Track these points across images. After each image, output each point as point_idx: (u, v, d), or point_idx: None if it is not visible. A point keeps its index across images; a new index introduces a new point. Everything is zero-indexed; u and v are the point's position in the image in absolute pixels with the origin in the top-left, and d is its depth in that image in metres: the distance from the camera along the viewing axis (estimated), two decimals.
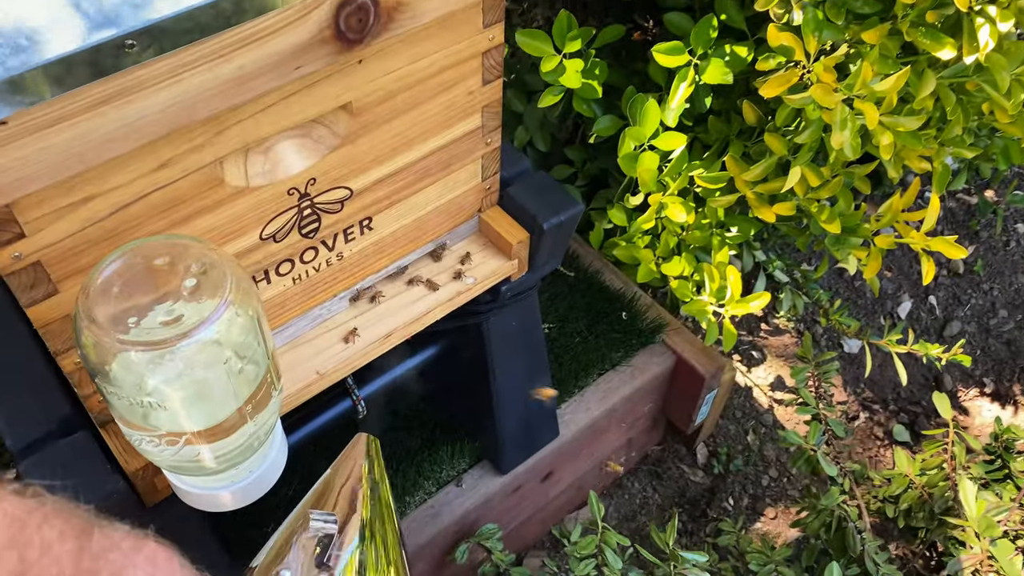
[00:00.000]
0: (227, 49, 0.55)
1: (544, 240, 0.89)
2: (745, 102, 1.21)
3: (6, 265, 0.57)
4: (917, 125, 1.08)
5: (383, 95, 0.70)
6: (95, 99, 0.51)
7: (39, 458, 0.69)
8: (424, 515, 1.15)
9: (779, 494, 1.53)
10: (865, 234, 1.28)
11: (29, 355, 0.75)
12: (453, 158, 0.82)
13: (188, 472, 0.68)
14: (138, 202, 0.61)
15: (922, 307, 1.77)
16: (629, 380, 1.30)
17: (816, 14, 1.03)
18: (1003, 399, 1.68)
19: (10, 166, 0.50)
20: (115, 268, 0.56)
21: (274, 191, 0.69)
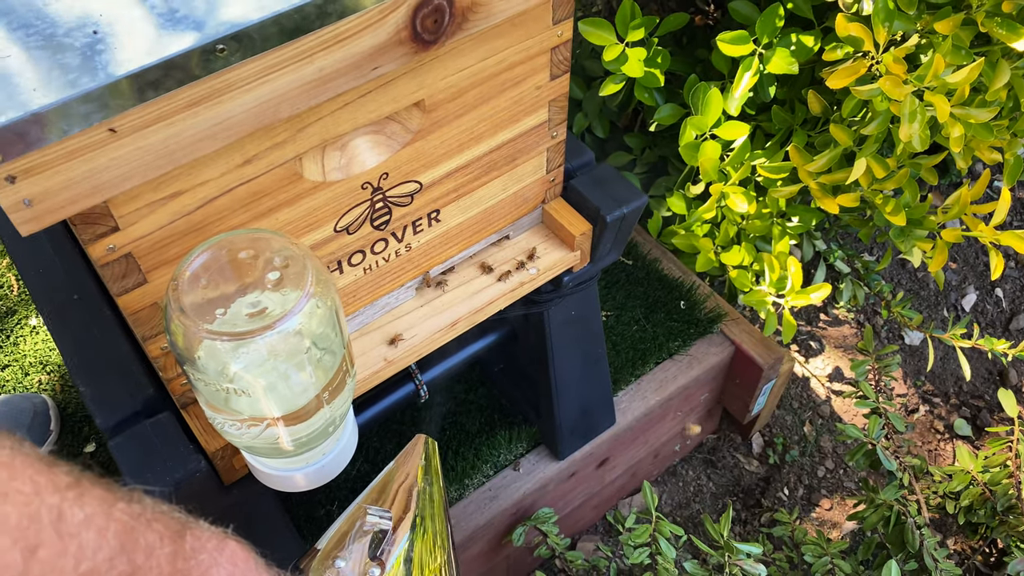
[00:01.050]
0: (309, 52, 0.57)
1: (606, 232, 0.90)
2: (811, 92, 1.20)
3: (101, 256, 0.60)
4: (989, 116, 1.06)
5: (454, 92, 0.72)
6: (189, 100, 0.53)
7: (126, 437, 0.72)
8: (482, 497, 1.17)
9: (835, 486, 1.52)
10: (931, 226, 1.26)
11: (114, 340, 0.79)
12: (519, 152, 0.83)
13: (265, 454, 0.71)
14: (223, 196, 0.64)
15: (988, 300, 1.73)
16: (686, 369, 1.30)
17: (887, 3, 1.01)
18: None
19: (110, 165, 0.53)
20: (203, 260, 0.59)
21: (349, 185, 0.71)
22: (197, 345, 0.59)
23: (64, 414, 1.24)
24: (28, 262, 0.84)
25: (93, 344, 0.78)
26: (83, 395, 0.75)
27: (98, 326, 0.80)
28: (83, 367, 0.77)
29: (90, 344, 0.78)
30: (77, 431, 1.22)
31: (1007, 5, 0.98)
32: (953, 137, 1.05)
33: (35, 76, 0.50)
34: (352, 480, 1.18)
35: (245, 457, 0.74)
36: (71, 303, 0.81)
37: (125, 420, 0.74)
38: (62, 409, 1.24)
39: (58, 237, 0.87)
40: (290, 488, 0.75)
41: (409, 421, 1.23)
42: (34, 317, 1.34)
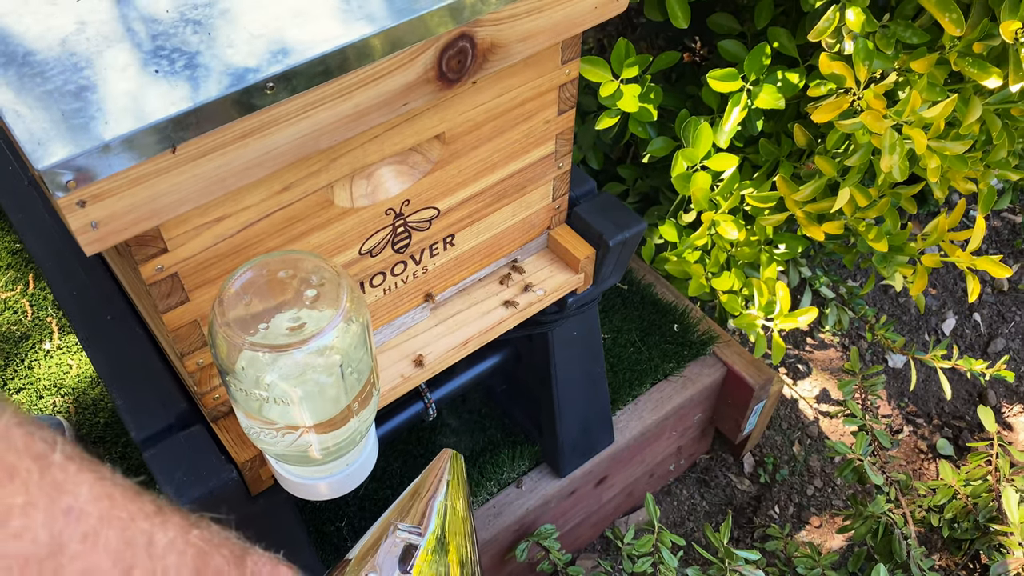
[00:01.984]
0: (348, 89, 0.63)
1: (609, 256, 0.95)
2: (796, 125, 1.27)
3: (149, 276, 0.65)
4: (963, 149, 1.13)
5: (471, 125, 0.78)
6: (241, 132, 0.59)
7: (162, 448, 0.77)
8: (487, 514, 1.22)
9: (824, 504, 1.57)
10: (911, 252, 1.32)
11: (147, 357, 0.83)
12: (528, 180, 0.89)
13: (295, 462, 0.75)
14: (262, 220, 0.69)
15: (966, 324, 1.80)
16: (681, 390, 1.36)
17: (867, 44, 1.09)
18: None
19: (168, 191, 0.58)
20: (247, 278, 0.64)
21: (374, 211, 0.77)
22: (239, 356, 0.64)
23: (78, 435, 1.27)
24: (63, 286, 0.89)
25: (127, 361, 0.83)
26: (119, 408, 0.80)
27: (131, 344, 0.84)
28: (118, 383, 0.81)
29: (124, 361, 0.83)
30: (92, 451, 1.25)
31: (978, 46, 1.05)
32: (930, 168, 1.12)
33: (105, 108, 0.55)
34: (360, 498, 1.22)
35: (272, 466, 0.78)
36: (105, 323, 0.86)
37: (159, 432, 0.78)
38: (76, 430, 1.28)
39: (89, 262, 0.91)
40: (313, 496, 0.79)
41: (415, 441, 1.27)
42: (48, 342, 1.38)
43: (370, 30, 0.60)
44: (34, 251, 0.92)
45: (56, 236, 0.93)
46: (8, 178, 0.99)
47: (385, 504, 1.20)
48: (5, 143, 1.03)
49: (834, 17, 1.08)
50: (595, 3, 0.74)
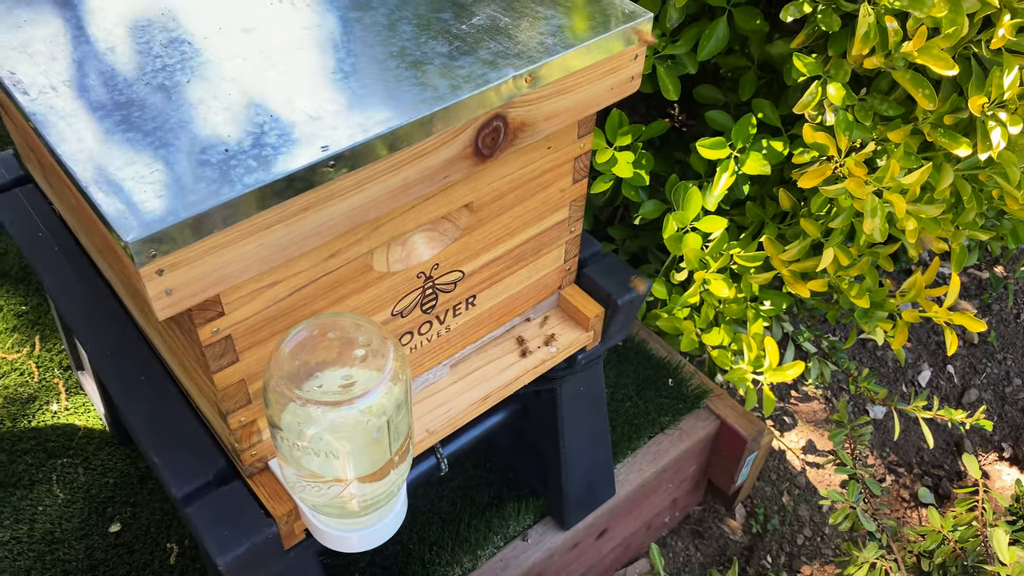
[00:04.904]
0: (397, 165, 0.68)
1: (618, 314, 1.01)
2: (781, 190, 1.35)
3: (207, 339, 0.69)
4: (938, 212, 1.22)
5: (497, 194, 0.84)
6: (303, 206, 0.64)
7: (203, 503, 0.80)
8: (494, 567, 1.24)
9: (814, 552, 1.61)
10: (891, 308, 1.40)
11: (182, 414, 0.87)
12: (543, 244, 0.95)
13: (332, 514, 0.79)
14: (310, 285, 0.73)
15: (941, 376, 1.88)
16: (677, 443, 1.41)
17: (847, 116, 1.17)
18: (1021, 463, 1.78)
19: (235, 260, 0.63)
20: (300, 338, 0.68)
21: (407, 275, 0.82)
22: (293, 411, 0.68)
23: (88, 495, 1.28)
24: (98, 346, 0.92)
25: (163, 419, 0.86)
26: (156, 466, 0.83)
27: (165, 403, 0.87)
28: (155, 440, 0.84)
29: (160, 419, 0.86)
30: (101, 511, 1.27)
31: (948, 119, 1.14)
32: (908, 230, 1.20)
33: (183, 186, 0.60)
34: (370, 554, 1.24)
35: (307, 518, 0.81)
36: (139, 382, 0.89)
37: (199, 489, 0.81)
38: (86, 491, 1.29)
39: (120, 325, 0.95)
40: (344, 548, 0.83)
41: (422, 496, 1.30)
42: (55, 403, 1.39)
43: (422, 112, 0.66)
44: (67, 314, 0.96)
45: (87, 300, 0.97)
46: (40, 244, 1.03)
47: (394, 559, 1.23)
48: (36, 210, 1.07)
49: (817, 91, 1.16)
50: (611, 84, 0.80)
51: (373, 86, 0.69)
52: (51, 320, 1.51)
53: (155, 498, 1.28)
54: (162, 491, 1.29)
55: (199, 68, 0.70)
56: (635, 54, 0.80)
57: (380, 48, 0.73)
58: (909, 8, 0.99)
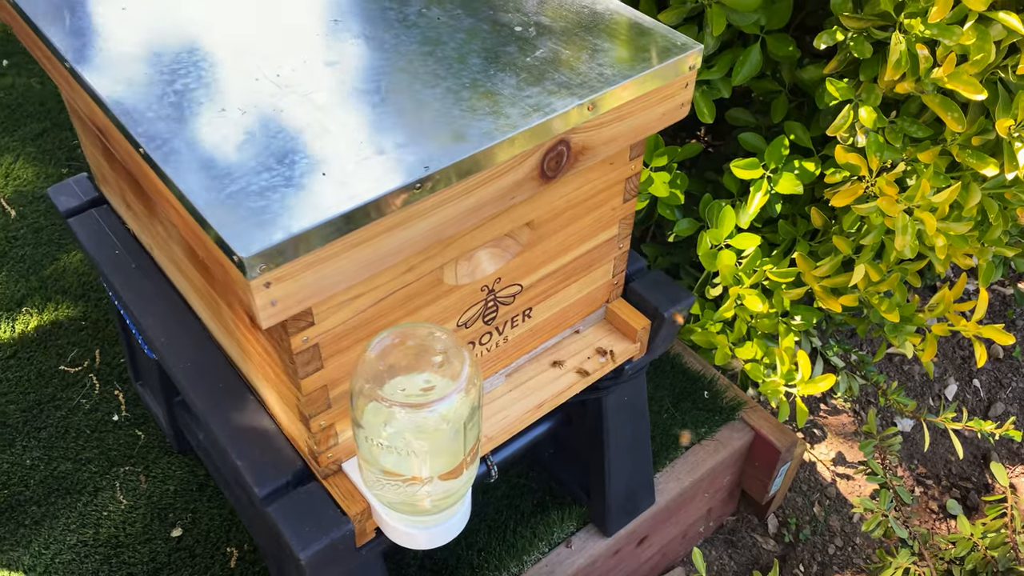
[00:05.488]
0: (472, 188, 0.74)
1: (664, 326, 1.06)
2: (813, 208, 1.40)
3: (297, 347, 0.75)
4: (966, 229, 1.27)
5: (555, 213, 0.90)
6: (391, 224, 0.70)
7: (283, 503, 0.85)
8: (540, 572, 1.29)
9: (845, 562, 1.65)
10: (920, 323, 1.44)
11: (260, 420, 0.93)
12: (594, 260, 1.01)
13: (404, 512, 0.84)
14: (388, 298, 0.79)
15: (967, 389, 1.92)
16: (714, 453, 1.45)
17: (877, 138, 1.23)
18: None
19: (331, 273, 0.69)
20: (384, 344, 0.74)
21: (472, 288, 0.88)
22: (375, 411, 0.74)
23: (149, 501, 1.34)
24: (177, 358, 0.98)
25: (243, 426, 0.92)
26: (239, 468, 0.88)
27: (244, 410, 0.93)
28: (237, 445, 0.90)
29: (241, 426, 0.92)
30: (163, 517, 1.32)
31: (976, 140, 1.20)
32: (938, 246, 1.25)
33: (287, 206, 0.66)
34: (420, 558, 1.29)
35: (379, 517, 0.87)
36: (219, 391, 0.95)
37: (279, 489, 0.87)
38: (147, 498, 1.34)
39: (197, 338, 1.01)
40: (412, 545, 0.88)
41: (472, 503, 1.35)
42: (116, 414, 1.45)
43: (497, 139, 0.72)
44: (146, 328, 1.02)
45: (166, 315, 1.03)
46: (117, 261, 1.09)
47: (444, 564, 1.27)
48: (112, 230, 1.13)
49: (849, 115, 1.22)
50: (664, 110, 0.86)
51: (450, 114, 0.75)
52: (110, 335, 1.57)
53: (213, 505, 1.34)
54: (221, 498, 1.35)
55: (292, 97, 0.77)
56: (686, 82, 0.86)
57: (453, 80, 0.79)
58: (939, 36, 1.05)
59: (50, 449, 1.40)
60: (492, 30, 0.86)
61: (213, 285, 0.89)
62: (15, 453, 1.39)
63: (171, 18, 0.86)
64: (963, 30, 1.04)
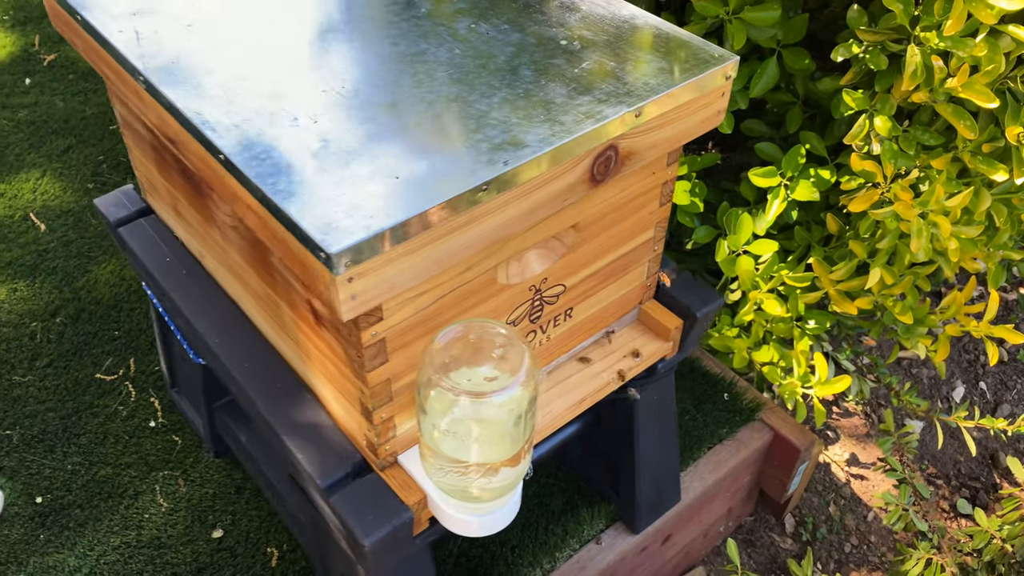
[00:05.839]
0: (530, 190, 0.79)
1: (696, 325, 1.11)
2: (829, 214, 1.46)
3: (367, 340, 0.80)
4: (977, 233, 1.32)
5: (598, 216, 0.95)
6: (459, 224, 0.74)
7: (346, 493, 0.89)
8: (572, 568, 1.33)
9: (861, 560, 1.69)
10: (932, 324, 1.50)
11: (319, 417, 0.97)
12: (631, 262, 1.05)
13: (460, 498, 0.88)
14: (448, 295, 0.84)
15: (974, 392, 1.97)
16: (735, 453, 1.50)
17: (892, 146, 1.28)
18: None
19: (405, 270, 0.73)
20: (451, 336, 0.79)
21: (521, 287, 0.92)
22: (440, 398, 0.78)
23: (189, 504, 1.37)
24: (235, 362, 1.02)
25: (301, 422, 0.96)
26: (299, 461, 0.92)
27: (302, 407, 0.97)
28: (296, 439, 0.94)
29: (299, 422, 0.96)
30: (203, 519, 1.36)
31: (986, 147, 1.25)
32: (951, 249, 1.30)
33: (368, 205, 0.70)
34: (455, 555, 1.33)
35: (435, 504, 0.91)
36: (277, 389, 0.99)
37: (340, 480, 0.91)
38: (187, 501, 1.38)
39: (251, 339, 1.05)
40: (465, 532, 0.92)
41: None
42: (153, 420, 1.49)
43: (555, 144, 0.77)
44: (202, 331, 1.06)
45: (220, 318, 1.07)
46: (169, 268, 1.14)
47: (479, 561, 1.31)
48: (161, 238, 1.18)
49: (865, 124, 1.28)
50: (702, 118, 0.92)
51: (509, 121, 0.80)
52: (143, 344, 1.61)
53: (252, 507, 1.38)
54: (259, 500, 1.39)
55: (361, 104, 0.82)
56: (723, 91, 0.91)
57: (508, 90, 0.84)
58: (953, 48, 1.11)
59: (90, 455, 1.43)
60: (539, 44, 0.91)
61: (275, 287, 0.93)
62: (56, 459, 1.42)
63: (237, 34, 0.91)
64: (975, 42, 1.10)
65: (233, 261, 1.02)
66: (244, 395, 1.01)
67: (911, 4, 1.13)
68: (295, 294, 0.89)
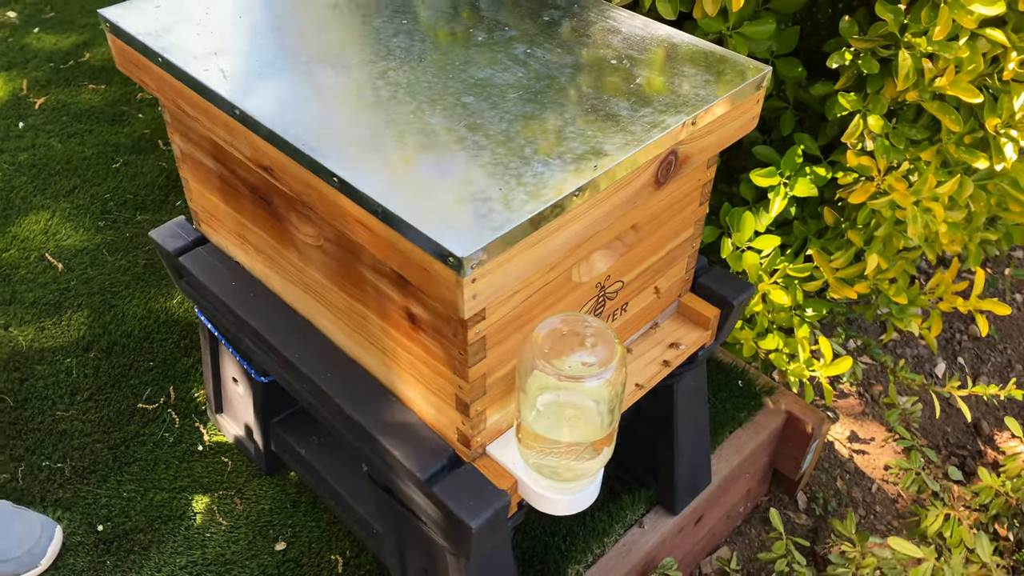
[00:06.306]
0: (610, 194, 0.88)
1: (732, 313, 1.21)
2: (825, 208, 1.58)
3: (472, 339, 0.88)
4: (962, 217, 1.46)
5: (652, 216, 1.04)
6: (556, 227, 0.83)
7: (447, 483, 0.97)
8: (620, 551, 1.41)
9: (870, 528, 1.81)
10: (923, 304, 1.63)
11: (407, 417, 1.04)
12: (675, 257, 1.15)
13: (551, 477, 0.96)
14: (535, 294, 0.93)
15: (954, 367, 2.12)
16: (755, 435, 1.60)
17: (883, 142, 1.42)
18: None
19: (513, 270, 0.82)
20: (549, 326, 0.87)
21: (590, 285, 1.01)
22: (543, 384, 0.86)
23: (248, 520, 1.42)
24: (323, 373, 1.09)
25: (393, 421, 1.03)
26: (397, 457, 1.00)
27: (391, 409, 1.05)
28: (391, 438, 1.01)
29: (390, 421, 1.03)
30: (264, 533, 1.41)
31: (968, 139, 1.39)
32: (942, 232, 1.44)
33: (484, 212, 0.79)
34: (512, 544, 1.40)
35: (525, 484, 0.99)
36: (364, 396, 1.06)
37: (438, 471, 0.98)
38: (245, 517, 1.43)
39: (328, 349, 1.12)
40: (550, 510, 1.00)
41: None
42: (200, 444, 1.53)
43: (631, 151, 0.87)
44: (279, 344, 1.13)
45: (299, 334, 1.14)
46: (237, 292, 1.20)
47: (533, 551, 1.39)
48: (223, 264, 1.24)
49: (859, 123, 1.40)
50: (741, 123, 1.02)
51: (585, 134, 0.89)
52: (179, 372, 1.65)
53: (310, 518, 1.43)
54: (316, 511, 1.44)
55: (451, 124, 0.90)
56: (757, 99, 1.02)
57: (576, 107, 0.94)
58: (939, 51, 1.24)
59: (143, 481, 1.47)
60: (592, 64, 1.01)
61: (364, 299, 1.01)
62: (111, 488, 1.46)
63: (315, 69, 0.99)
64: (959, 45, 1.24)
65: (311, 280, 1.09)
66: (328, 403, 1.08)
67: (901, 14, 1.26)
68: (389, 303, 0.96)
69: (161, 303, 1.78)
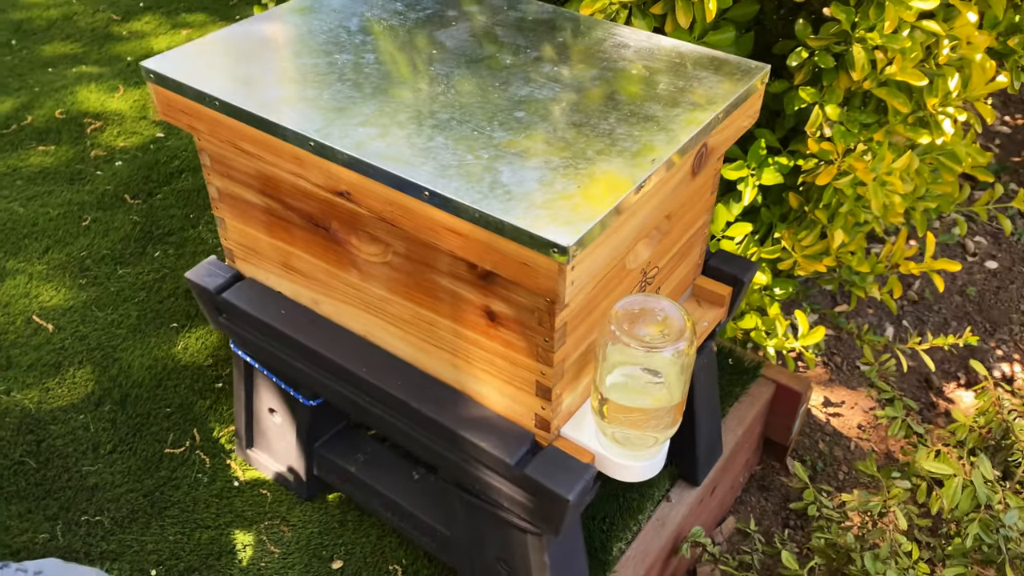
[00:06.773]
0: (662, 185, 1.00)
1: (742, 290, 1.35)
2: (791, 193, 1.75)
3: (557, 326, 0.97)
4: (910, 189, 1.65)
5: (679, 205, 1.17)
6: (630, 214, 0.94)
7: (536, 463, 1.05)
8: (654, 527, 1.52)
9: (854, 482, 1.98)
10: (881, 271, 1.82)
11: (481, 410, 1.12)
12: (693, 243, 1.28)
13: (628, 446, 1.06)
14: (600, 282, 1.03)
15: (900, 329, 2.33)
16: (751, 407, 1.74)
17: (841, 128, 1.59)
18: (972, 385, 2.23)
19: (597, 260, 0.92)
20: (626, 304, 0.98)
21: (637, 271, 1.13)
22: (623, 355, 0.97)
23: (299, 545, 1.46)
24: (394, 382, 1.16)
25: (472, 417, 1.11)
26: (480, 448, 1.08)
27: (465, 406, 1.13)
28: (474, 431, 1.09)
29: (470, 418, 1.11)
30: (318, 554, 1.45)
31: (911, 118, 1.58)
32: (896, 203, 1.62)
33: (572, 206, 0.89)
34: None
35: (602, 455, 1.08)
36: (437, 398, 1.14)
37: (524, 455, 1.07)
38: (296, 543, 1.46)
39: (388, 359, 1.19)
40: (625, 477, 1.10)
41: None
42: (235, 480, 1.56)
43: (678, 145, 0.99)
44: (344, 361, 1.19)
45: (362, 351, 1.20)
46: (289, 319, 1.25)
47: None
48: (266, 295, 1.29)
49: (818, 113, 1.57)
50: (748, 116, 1.16)
51: (632, 134, 1.01)
52: (199, 413, 1.67)
53: (360, 535, 1.48)
54: (364, 527, 1.49)
55: (510, 137, 1.00)
56: (759, 94, 1.16)
57: (616, 113, 1.05)
58: (887, 44, 1.42)
59: (186, 523, 1.49)
60: (616, 75, 1.13)
61: (435, 307, 1.09)
62: (154, 533, 1.47)
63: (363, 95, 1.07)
64: (904, 36, 1.42)
65: (372, 296, 1.16)
66: (403, 409, 1.15)
67: (852, 13, 1.44)
68: (464, 304, 1.05)
69: (165, 351, 1.80)
